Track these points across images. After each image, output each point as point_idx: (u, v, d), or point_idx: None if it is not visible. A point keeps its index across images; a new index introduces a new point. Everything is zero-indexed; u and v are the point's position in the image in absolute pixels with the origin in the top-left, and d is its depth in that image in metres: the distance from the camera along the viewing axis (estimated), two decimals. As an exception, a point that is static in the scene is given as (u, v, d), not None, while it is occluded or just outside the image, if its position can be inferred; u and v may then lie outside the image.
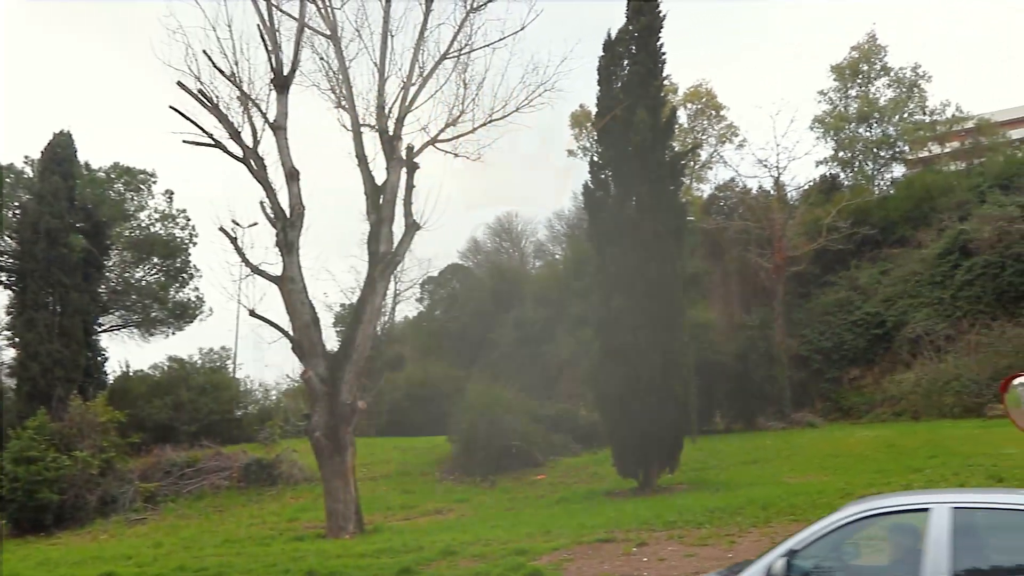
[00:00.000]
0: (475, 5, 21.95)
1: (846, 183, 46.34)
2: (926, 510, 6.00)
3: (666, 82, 25.24)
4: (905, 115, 47.63)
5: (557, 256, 57.88)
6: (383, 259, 20.41)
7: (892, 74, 48.49)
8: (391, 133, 21.04)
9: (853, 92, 49.13)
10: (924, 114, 47.65)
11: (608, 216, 22.04)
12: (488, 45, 22.32)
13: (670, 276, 21.51)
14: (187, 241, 40.40)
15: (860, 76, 48.90)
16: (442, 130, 21.86)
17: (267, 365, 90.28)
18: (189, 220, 40.46)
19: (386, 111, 21.27)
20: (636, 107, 22.02)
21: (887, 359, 35.85)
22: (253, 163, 19.95)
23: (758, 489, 19.08)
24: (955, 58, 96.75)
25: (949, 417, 30.02)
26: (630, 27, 23.16)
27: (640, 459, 21.23)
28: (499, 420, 27.16)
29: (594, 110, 24.74)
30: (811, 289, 39.81)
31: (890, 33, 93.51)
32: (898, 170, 48.21)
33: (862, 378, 36.57)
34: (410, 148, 21.21)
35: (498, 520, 19.25)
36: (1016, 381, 9.24)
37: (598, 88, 23.17)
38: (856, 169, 48.20)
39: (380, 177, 20.84)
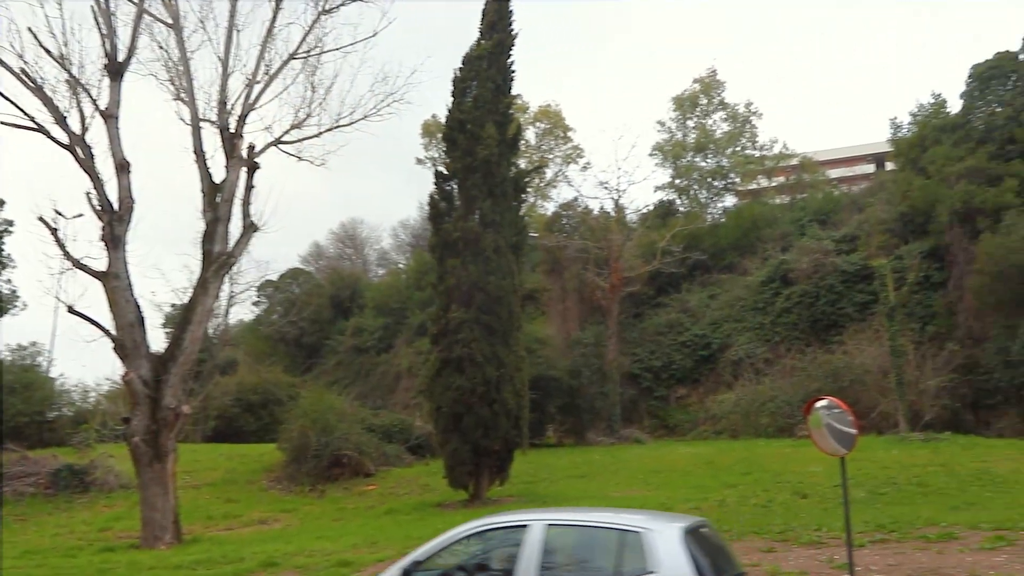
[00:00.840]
0: (327, 7, 21.68)
1: (681, 209, 48.46)
2: (525, 526, 6.92)
3: (518, 100, 25.73)
4: (738, 148, 50.35)
5: (400, 265, 57.66)
6: (217, 259, 19.73)
7: (728, 109, 51.18)
8: (232, 130, 20.41)
9: (691, 123, 51.52)
10: (755, 148, 50.54)
11: (450, 227, 22.14)
12: (339, 49, 22.18)
13: (508, 290, 21.82)
14: (1, 229, 37.58)
15: (699, 108, 51.34)
16: (286, 132, 21.47)
17: (84, 365, 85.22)
18: (3, 204, 37.70)
19: (228, 107, 20.60)
20: (485, 121, 22.27)
21: (711, 379, 37.65)
22: (80, 151, 18.87)
23: (584, 503, 19.58)
24: (785, 99, 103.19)
25: (764, 436, 31.84)
26: (482, 42, 23.43)
27: (471, 471, 21.36)
28: (331, 429, 26.72)
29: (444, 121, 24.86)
30: (644, 310, 41.34)
31: (728, 70, 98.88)
32: (729, 200, 50.88)
33: (688, 397, 38.26)
34: (251, 147, 20.65)
35: (324, 531, 18.92)
36: (818, 404, 9.94)
37: (451, 100, 23.26)
38: (691, 196, 50.50)
39: (219, 175, 20.17)
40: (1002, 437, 29.10)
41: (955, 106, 40.75)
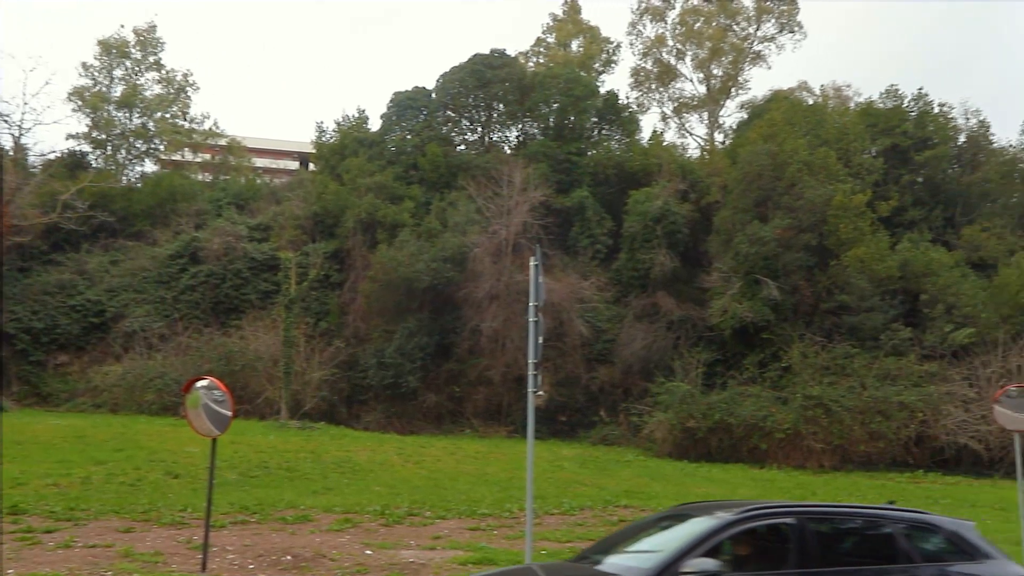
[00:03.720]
0: None
1: (95, 164, 44.86)
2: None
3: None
4: (168, 115, 48.27)
5: None
6: None
7: (164, 72, 48.83)
8: None
9: (119, 74, 47.98)
10: (185, 120, 48.95)
11: None
12: None
13: None
14: None
15: (131, 60, 48.08)
16: None
17: None
18: None
19: None
20: None
21: (100, 349, 35.33)
22: None
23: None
24: (226, 78, 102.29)
25: (147, 413, 30.88)
26: None
27: None
28: None
29: None
30: (34, 265, 37.28)
31: (172, 31, 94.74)
32: (150, 166, 48.49)
33: (69, 365, 35.33)
34: None
35: None
36: (198, 384, 9.91)
37: None
38: (108, 153, 47.02)
39: None
40: (368, 430, 32.31)
41: (376, 124, 44.54)
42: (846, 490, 24.00)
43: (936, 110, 43.64)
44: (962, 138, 44.42)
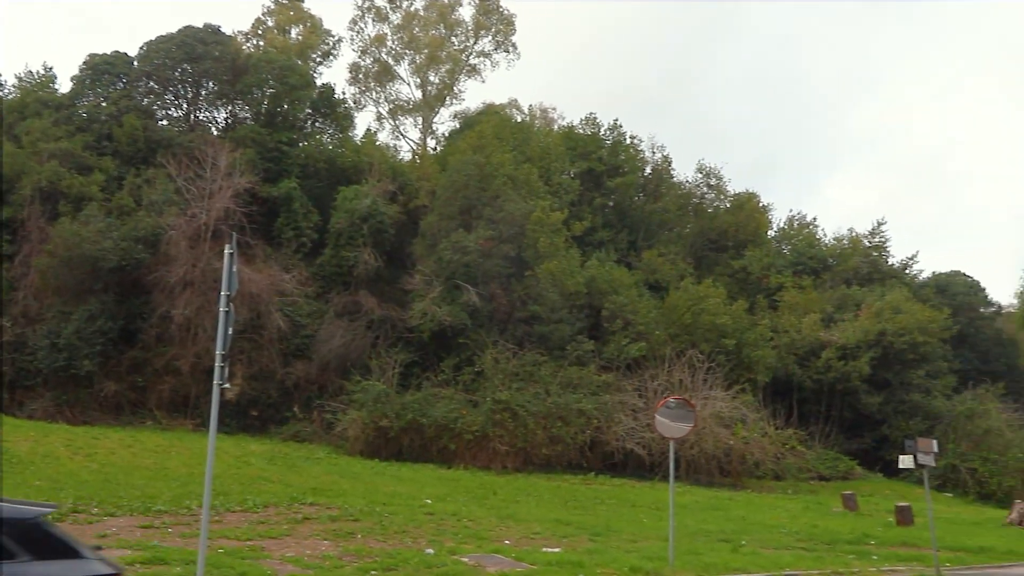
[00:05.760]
0: None
1: None
2: None
3: None
4: None
5: None
6: None
7: None
8: None
9: None
10: None
11: None
12: None
13: None
14: None
15: None
16: None
17: None
18: None
19: None
20: None
21: None
22: None
23: None
24: None
25: None
26: None
27: None
28: None
29: None
30: None
31: None
32: None
33: None
34: None
35: None
36: None
37: None
38: None
39: None
40: (32, 419, 29.38)
41: (66, 86, 40.71)
42: (524, 490, 25.50)
43: (628, 141, 47.69)
44: (648, 169, 48.90)
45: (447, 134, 50.84)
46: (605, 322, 36.18)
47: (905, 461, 17.12)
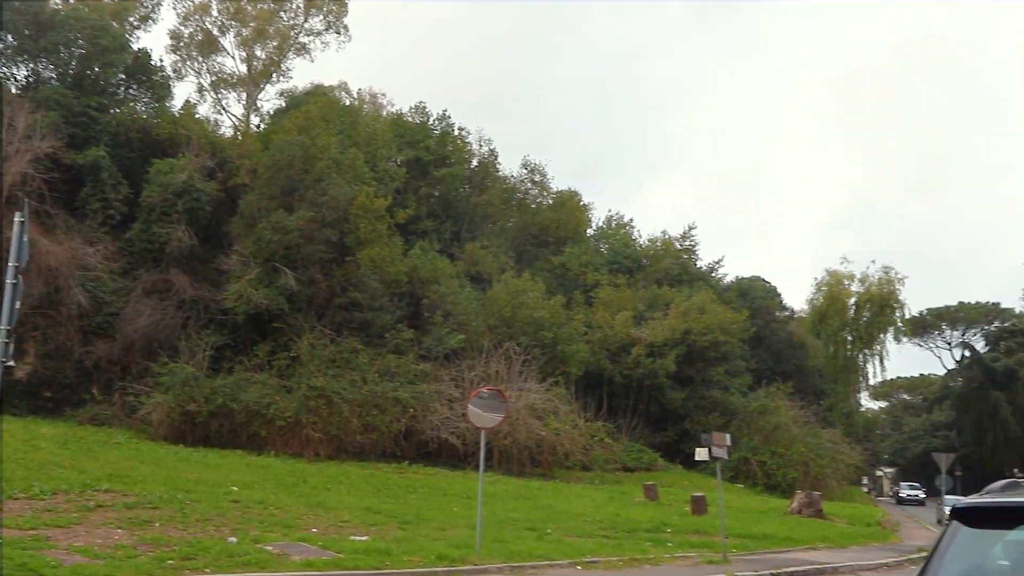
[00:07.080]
0: None
1: None
2: None
3: None
4: None
5: None
6: None
7: None
8: None
9: None
10: None
11: None
12: None
13: None
14: None
15: None
16: None
17: None
18: None
19: None
20: None
21: None
22: None
23: None
24: None
25: None
26: None
27: None
28: None
29: None
30: None
31: None
32: None
33: None
34: None
35: None
36: None
37: None
38: None
39: None
40: None
41: None
42: (336, 478, 25.22)
43: (457, 132, 47.93)
44: (475, 162, 49.37)
45: (272, 112, 49.37)
46: (425, 312, 36.29)
47: (701, 454, 18.23)
